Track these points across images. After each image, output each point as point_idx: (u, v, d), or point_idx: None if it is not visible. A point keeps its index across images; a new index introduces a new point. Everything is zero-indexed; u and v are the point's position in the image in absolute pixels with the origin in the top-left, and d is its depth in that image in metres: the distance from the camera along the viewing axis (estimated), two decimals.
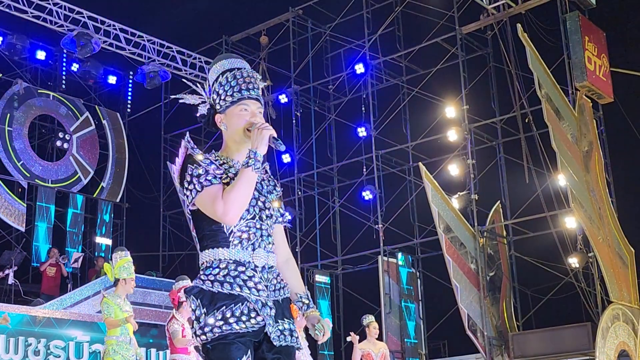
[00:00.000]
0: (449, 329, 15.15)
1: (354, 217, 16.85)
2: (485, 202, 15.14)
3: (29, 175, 16.68)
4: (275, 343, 3.03)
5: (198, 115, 3.24)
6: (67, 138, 17.71)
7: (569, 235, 14.03)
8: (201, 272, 3.07)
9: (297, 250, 16.55)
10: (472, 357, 14.42)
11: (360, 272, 16.73)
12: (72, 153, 17.73)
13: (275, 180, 3.33)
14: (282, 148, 3.09)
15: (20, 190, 16.52)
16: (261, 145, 3.02)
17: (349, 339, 9.95)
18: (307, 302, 3.23)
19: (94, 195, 17.99)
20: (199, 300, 3.00)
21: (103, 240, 17.92)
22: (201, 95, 3.24)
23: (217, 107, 3.18)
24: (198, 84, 3.27)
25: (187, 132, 3.29)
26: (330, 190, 17.57)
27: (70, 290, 13.69)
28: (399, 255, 15.81)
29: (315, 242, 17.16)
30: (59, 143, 17.61)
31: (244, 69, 3.23)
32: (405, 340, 15.24)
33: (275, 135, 3.08)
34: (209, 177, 3.01)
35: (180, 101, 3.27)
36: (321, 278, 16.69)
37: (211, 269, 3.04)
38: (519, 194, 15.20)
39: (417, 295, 16.03)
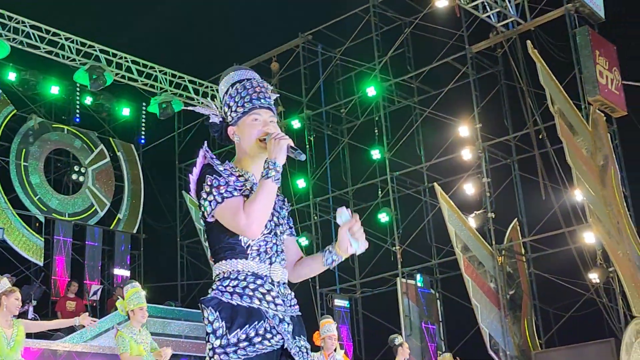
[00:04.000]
0: (471, 349, 15.00)
1: (371, 240, 16.77)
2: (502, 220, 15.06)
3: (45, 209, 16.75)
4: (296, 359, 2.94)
5: (210, 123, 3.13)
6: (83, 171, 17.78)
7: (588, 251, 13.92)
8: (218, 283, 2.94)
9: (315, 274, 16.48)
10: None
11: (379, 295, 16.64)
12: (88, 186, 17.80)
13: (283, 195, 3.25)
14: (303, 157, 2.97)
15: (37, 224, 16.58)
16: (280, 155, 2.90)
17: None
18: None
19: (111, 227, 18.03)
20: (217, 313, 2.88)
21: (121, 272, 17.93)
22: (212, 108, 3.15)
23: (229, 119, 3.10)
24: (210, 101, 3.19)
25: (205, 142, 3.13)
26: None
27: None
28: (418, 276, 15.74)
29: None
30: (74, 176, 17.66)
31: (254, 79, 3.18)
32: None
33: (293, 145, 2.97)
34: (230, 189, 2.90)
35: (196, 110, 3.18)
36: (340, 302, 16.63)
37: (229, 280, 2.93)
38: (535, 211, 15.12)
39: (437, 316, 15.94)
